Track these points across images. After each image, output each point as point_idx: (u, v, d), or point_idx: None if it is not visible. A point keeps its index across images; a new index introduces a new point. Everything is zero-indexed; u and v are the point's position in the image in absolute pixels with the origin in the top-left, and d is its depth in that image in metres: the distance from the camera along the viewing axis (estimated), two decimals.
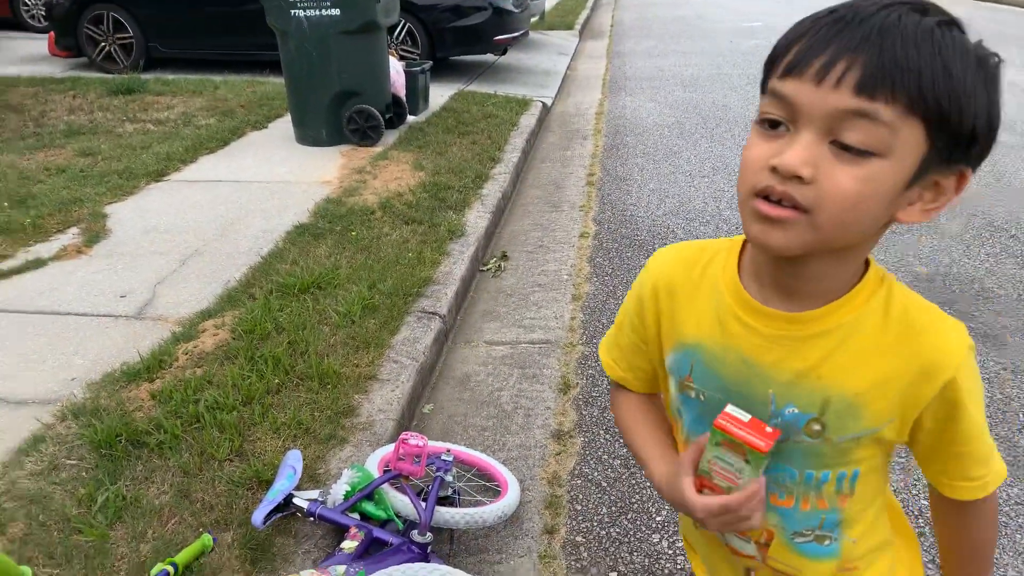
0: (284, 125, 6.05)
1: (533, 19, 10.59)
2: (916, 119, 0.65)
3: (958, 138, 0.67)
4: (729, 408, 0.80)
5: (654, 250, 1.01)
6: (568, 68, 9.50)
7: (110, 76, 7.59)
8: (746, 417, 0.78)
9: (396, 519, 1.97)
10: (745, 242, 0.86)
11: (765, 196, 0.70)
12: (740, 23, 13.00)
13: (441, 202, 4.36)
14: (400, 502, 2.01)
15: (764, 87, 0.74)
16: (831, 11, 0.69)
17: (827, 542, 0.90)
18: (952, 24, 0.68)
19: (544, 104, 7.28)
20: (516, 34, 8.32)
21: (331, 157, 5.31)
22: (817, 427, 0.80)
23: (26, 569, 1.44)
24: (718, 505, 0.80)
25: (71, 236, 3.93)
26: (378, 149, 5.42)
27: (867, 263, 0.81)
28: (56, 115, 6.32)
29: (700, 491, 0.83)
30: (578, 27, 12.30)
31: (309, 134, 5.55)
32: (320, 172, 4.98)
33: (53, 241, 3.87)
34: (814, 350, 0.79)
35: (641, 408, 1.03)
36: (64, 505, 2.03)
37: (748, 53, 10.21)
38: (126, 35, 7.93)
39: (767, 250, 0.75)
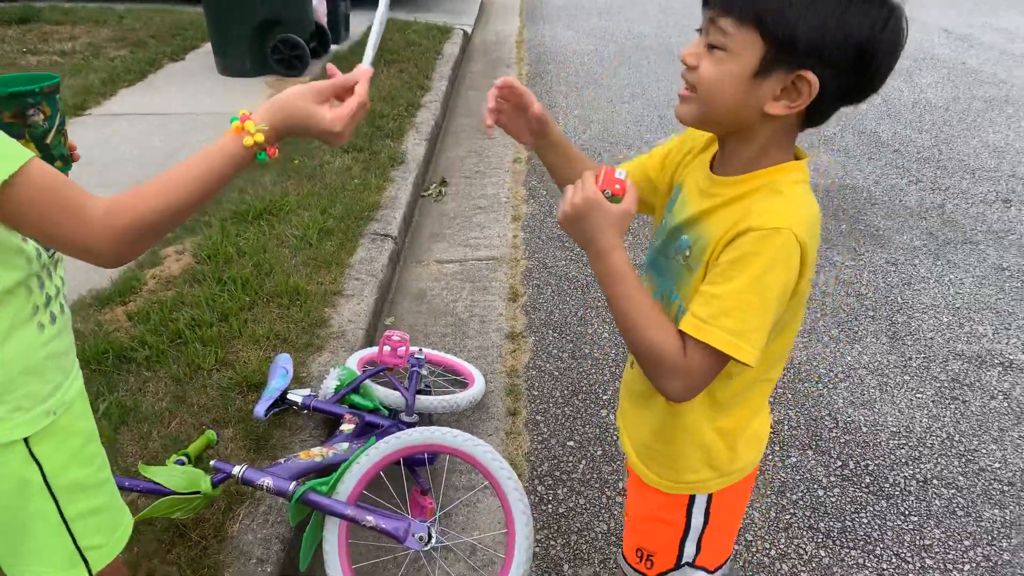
0: (203, 56, 5.91)
1: None
2: (750, 27, 0.89)
3: (785, 43, 0.89)
4: (617, 171, 1.03)
5: None
6: None
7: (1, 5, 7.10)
8: (623, 175, 1.01)
9: (382, 408, 2.22)
10: None
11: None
12: None
13: (378, 130, 4.48)
14: (383, 393, 2.27)
15: None
16: None
17: None
18: None
19: (465, 32, 7.34)
20: None
21: (258, 88, 5.28)
22: (687, 254, 1.05)
23: None
24: None
25: None
26: (305, 79, 5.41)
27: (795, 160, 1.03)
28: None
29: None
30: None
31: (233, 64, 5.47)
32: (249, 103, 4.95)
33: None
34: (708, 203, 1.04)
35: None
36: None
37: None
38: None
39: (679, 119, 1.02)
